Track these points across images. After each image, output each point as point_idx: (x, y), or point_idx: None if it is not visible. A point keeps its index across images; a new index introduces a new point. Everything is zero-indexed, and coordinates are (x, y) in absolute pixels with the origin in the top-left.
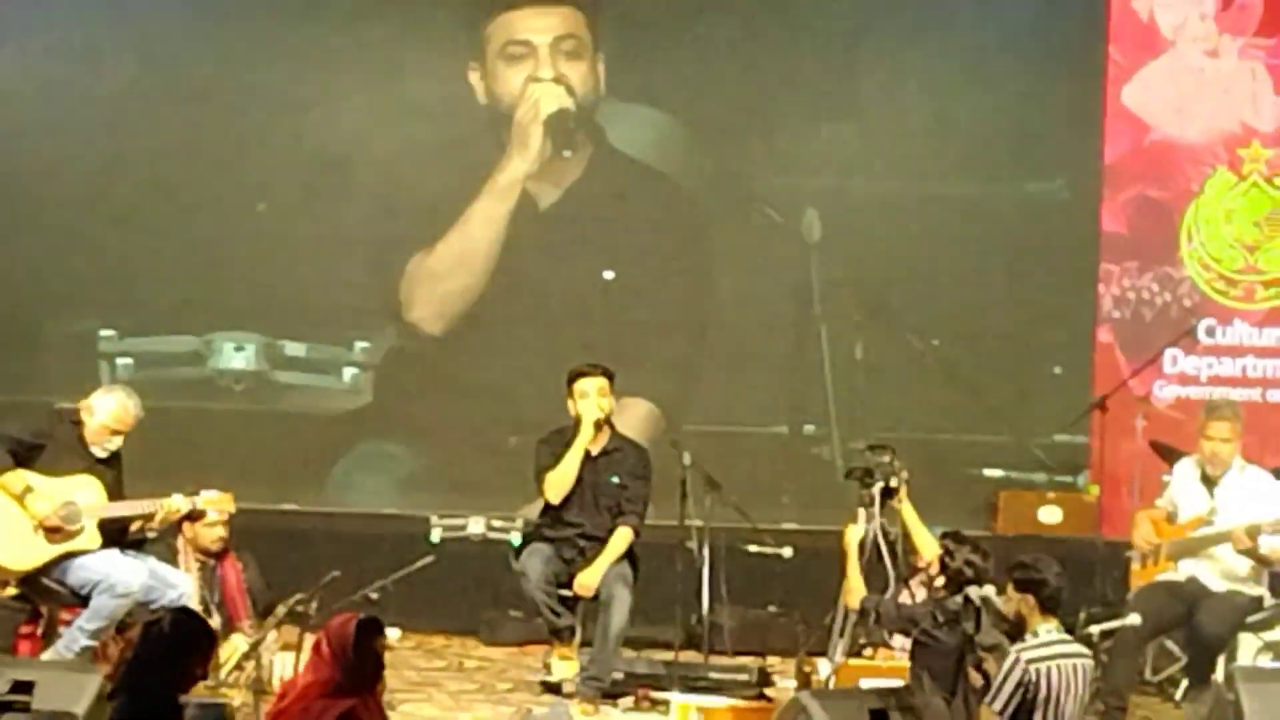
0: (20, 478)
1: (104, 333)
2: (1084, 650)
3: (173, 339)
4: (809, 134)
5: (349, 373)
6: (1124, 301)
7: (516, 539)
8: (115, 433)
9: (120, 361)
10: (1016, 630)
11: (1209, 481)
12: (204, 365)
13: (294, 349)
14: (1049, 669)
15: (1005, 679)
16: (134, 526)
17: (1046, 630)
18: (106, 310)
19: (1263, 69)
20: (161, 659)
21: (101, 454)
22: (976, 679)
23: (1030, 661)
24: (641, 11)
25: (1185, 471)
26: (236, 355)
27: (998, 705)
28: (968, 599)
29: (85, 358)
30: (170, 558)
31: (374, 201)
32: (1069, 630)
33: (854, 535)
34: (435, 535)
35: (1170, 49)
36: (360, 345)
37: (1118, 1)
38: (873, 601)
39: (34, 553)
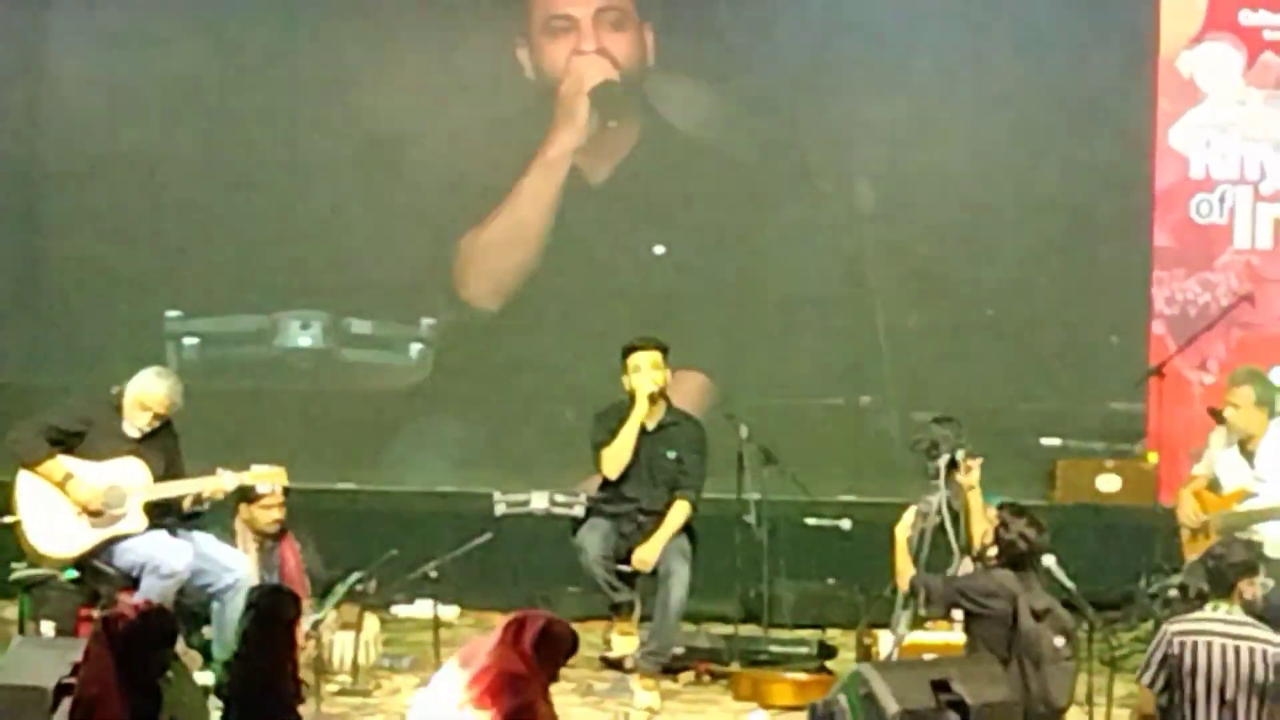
0: (60, 465)
1: (170, 313)
2: (1261, 634)
3: (238, 318)
4: (860, 105)
5: (415, 349)
6: (1173, 301)
7: (580, 513)
8: (147, 409)
9: (186, 342)
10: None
11: (1247, 451)
12: (270, 344)
13: (360, 326)
14: (1196, 643)
15: (1153, 651)
16: (186, 504)
17: (1214, 608)
18: (171, 291)
19: None
20: (259, 634)
21: (134, 433)
22: (1058, 641)
23: (1176, 634)
24: None
25: (1220, 441)
26: (302, 333)
27: (1145, 679)
28: (1022, 565)
29: (151, 339)
30: (228, 539)
31: (428, 179)
32: (1127, 597)
33: (903, 528)
34: (499, 510)
35: (1205, 99)
36: (426, 322)
37: (1164, 64)
38: (921, 580)
39: (79, 539)
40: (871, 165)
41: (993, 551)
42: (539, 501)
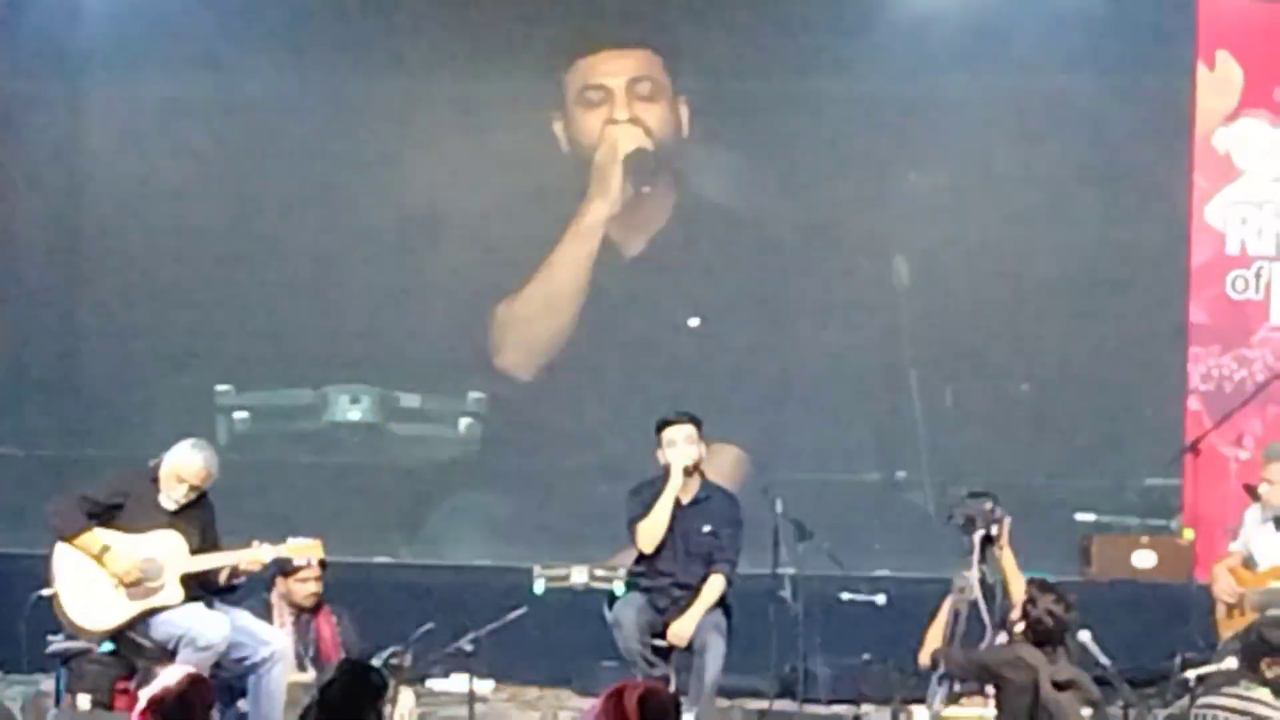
0: (96, 538)
1: (220, 388)
2: (1270, 714)
3: (288, 392)
4: (897, 180)
5: (462, 423)
6: (1209, 377)
7: (620, 589)
8: (183, 481)
9: (237, 416)
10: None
11: None
12: (319, 418)
13: (408, 400)
14: (1216, 715)
15: None
16: (222, 577)
17: (1248, 687)
18: (214, 364)
19: None
20: (344, 707)
21: (171, 505)
22: (1085, 711)
23: (1201, 705)
24: (724, 57)
25: (1255, 518)
26: (352, 407)
27: None
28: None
29: (202, 413)
30: (265, 613)
31: (465, 252)
32: (1163, 674)
33: (947, 606)
34: (539, 586)
35: (1241, 176)
36: (474, 395)
37: (1200, 140)
38: (941, 654)
39: (116, 611)
40: (908, 240)
41: (1020, 626)
42: (578, 576)
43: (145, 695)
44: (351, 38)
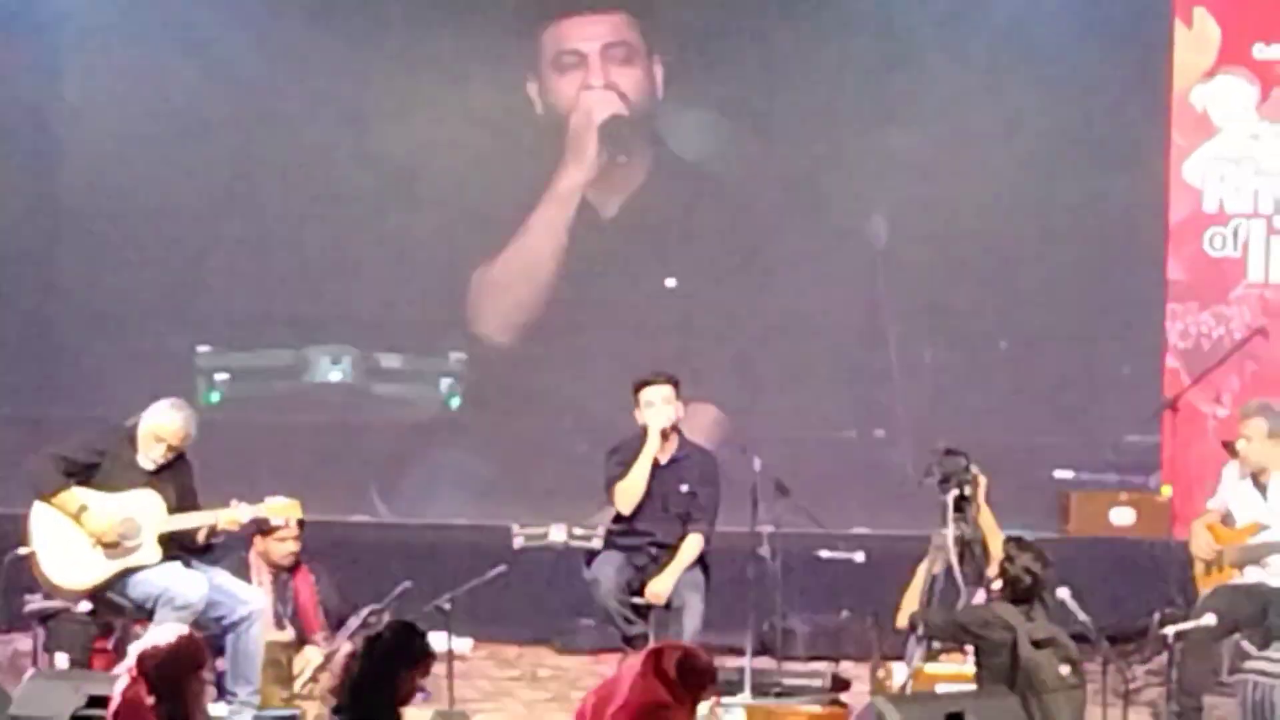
0: (74, 496)
1: (200, 348)
2: None
3: (268, 353)
4: (874, 138)
5: (445, 383)
6: (1187, 335)
7: (598, 545)
8: (161, 441)
9: (218, 377)
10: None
11: (1260, 485)
12: (299, 378)
13: (389, 360)
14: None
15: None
16: (200, 536)
17: None
18: (193, 325)
19: None
20: (381, 672)
21: (149, 465)
22: (1063, 669)
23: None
24: (700, 16)
25: (1233, 475)
26: (333, 368)
27: None
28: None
29: (183, 374)
30: (243, 572)
31: (443, 213)
32: (1141, 630)
33: (924, 568)
34: (517, 544)
35: (1218, 133)
36: (455, 356)
37: (1178, 98)
38: (919, 615)
39: (93, 570)
40: (885, 199)
41: (998, 584)
42: (557, 534)
43: (136, 652)
44: (329, 1)
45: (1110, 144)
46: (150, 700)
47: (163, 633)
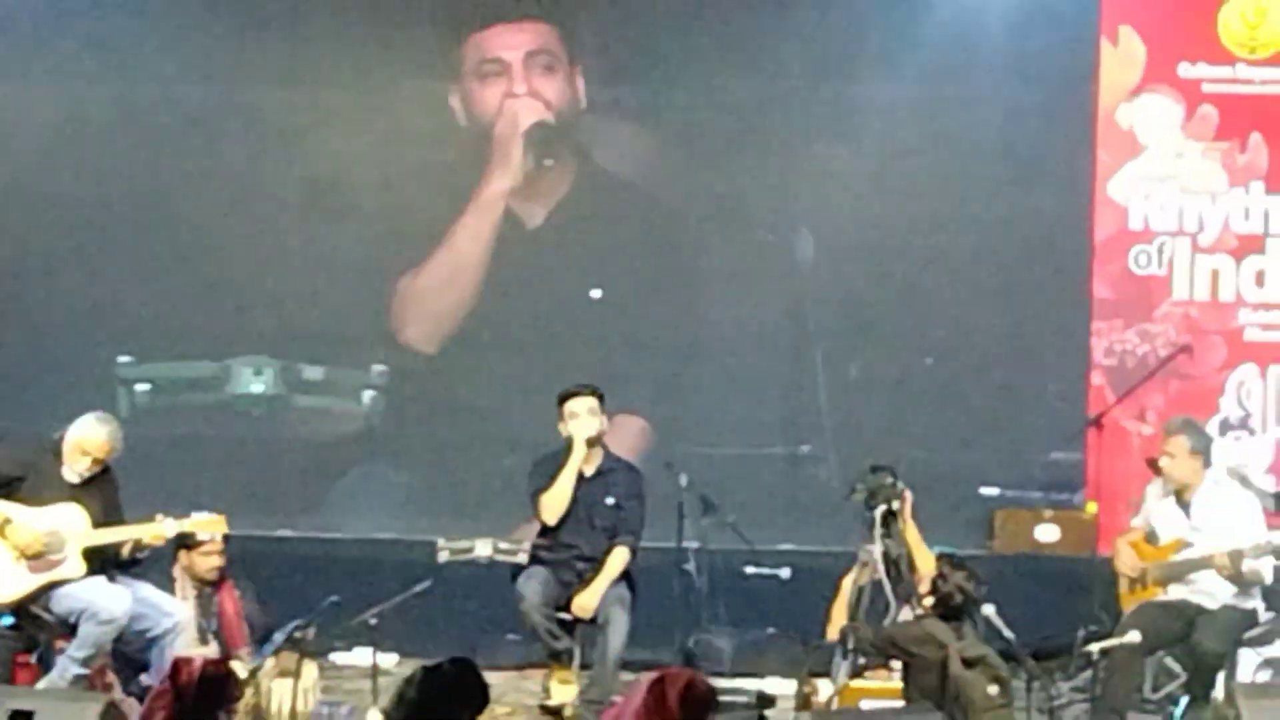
0: None
1: (121, 359)
2: None
3: (190, 364)
4: (800, 152)
5: (367, 395)
6: (1111, 352)
7: (524, 560)
8: (87, 454)
9: (138, 388)
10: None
11: (1183, 502)
12: (221, 390)
13: (311, 372)
14: None
15: None
16: (124, 551)
17: None
18: (123, 336)
19: (1219, 167)
20: (440, 710)
21: (74, 478)
22: (991, 689)
23: None
24: (623, 26)
25: (1156, 492)
26: (255, 379)
27: None
28: (956, 616)
29: (104, 384)
30: (167, 586)
31: (367, 224)
32: (1066, 647)
33: (849, 582)
34: (442, 558)
35: (1144, 151)
36: (377, 369)
37: (1104, 115)
38: (849, 629)
39: (17, 584)
40: (812, 213)
41: (929, 601)
42: (482, 549)
43: (163, 677)
44: (252, 8)
45: (1037, 161)
46: None
47: (193, 660)
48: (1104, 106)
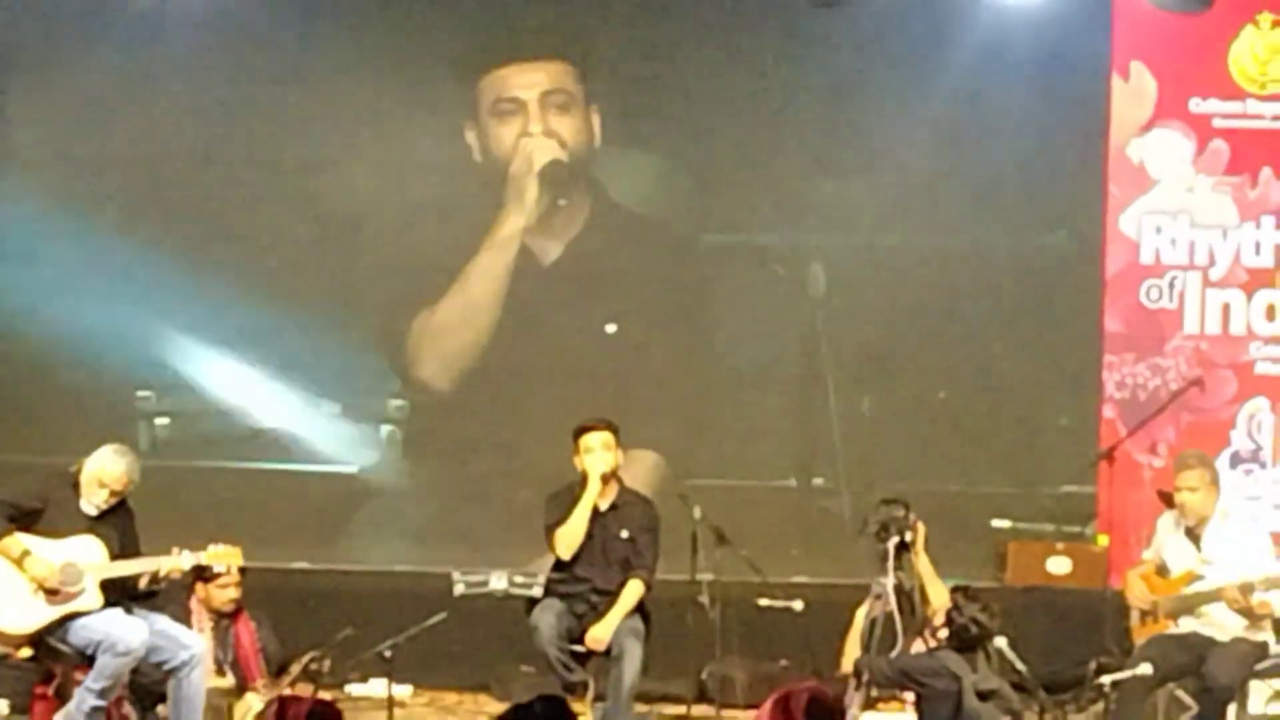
0: (18, 542)
1: (141, 393)
2: None
3: (210, 398)
4: (813, 187)
5: (384, 430)
6: (1123, 385)
7: (539, 593)
8: (104, 486)
9: (158, 422)
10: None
11: (1193, 535)
12: (240, 424)
13: (330, 406)
14: None
15: None
16: (142, 583)
17: None
18: (143, 371)
19: (1230, 201)
20: None
21: (92, 510)
22: None
23: None
24: (638, 65)
25: (1168, 525)
26: (271, 413)
27: None
28: (970, 648)
29: (124, 419)
30: (183, 618)
31: (381, 261)
32: (1077, 679)
33: (862, 613)
34: (458, 590)
35: (1155, 186)
36: (395, 403)
37: (1115, 150)
38: (864, 661)
39: (35, 616)
40: (825, 248)
41: (943, 633)
42: (498, 582)
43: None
44: (269, 46)
45: (1048, 196)
46: None
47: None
48: (1115, 142)
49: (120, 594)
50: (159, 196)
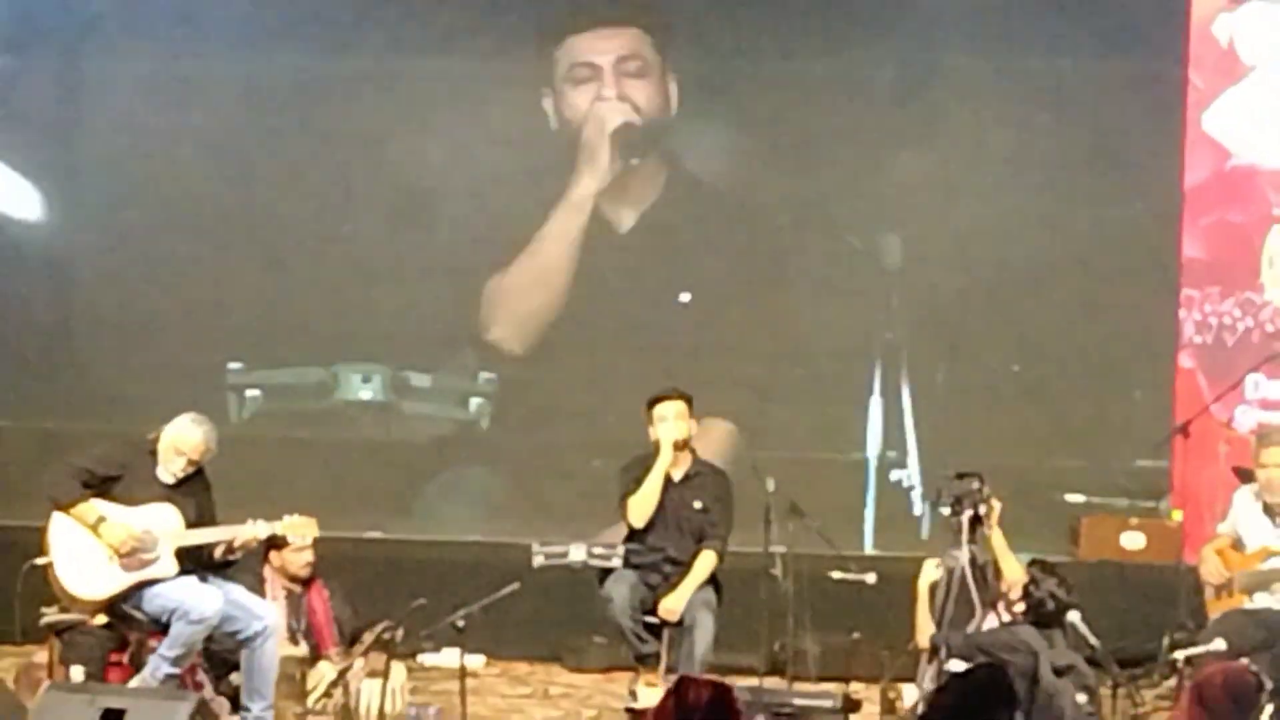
0: (93, 508)
1: (232, 365)
2: None
3: (299, 370)
4: (890, 159)
5: (474, 403)
6: (1205, 327)
7: (618, 564)
8: (181, 454)
9: (249, 394)
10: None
11: (1270, 510)
12: (330, 396)
13: (419, 379)
14: None
15: None
16: (217, 552)
17: None
18: (235, 343)
19: None
20: (972, 711)
21: (168, 479)
22: (1080, 697)
23: None
24: (716, 34)
25: (1246, 500)
26: (364, 386)
27: None
28: (1047, 623)
29: (215, 390)
30: (258, 587)
31: (459, 229)
32: (1151, 655)
33: (926, 577)
34: (537, 562)
35: (1250, 74)
36: (485, 375)
37: (1197, 28)
38: (940, 637)
39: (110, 582)
40: (900, 220)
41: (1020, 607)
42: (577, 553)
43: (668, 694)
44: (346, 16)
45: (1124, 168)
46: None
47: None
48: (1199, 15)
49: (196, 563)
50: (237, 167)
